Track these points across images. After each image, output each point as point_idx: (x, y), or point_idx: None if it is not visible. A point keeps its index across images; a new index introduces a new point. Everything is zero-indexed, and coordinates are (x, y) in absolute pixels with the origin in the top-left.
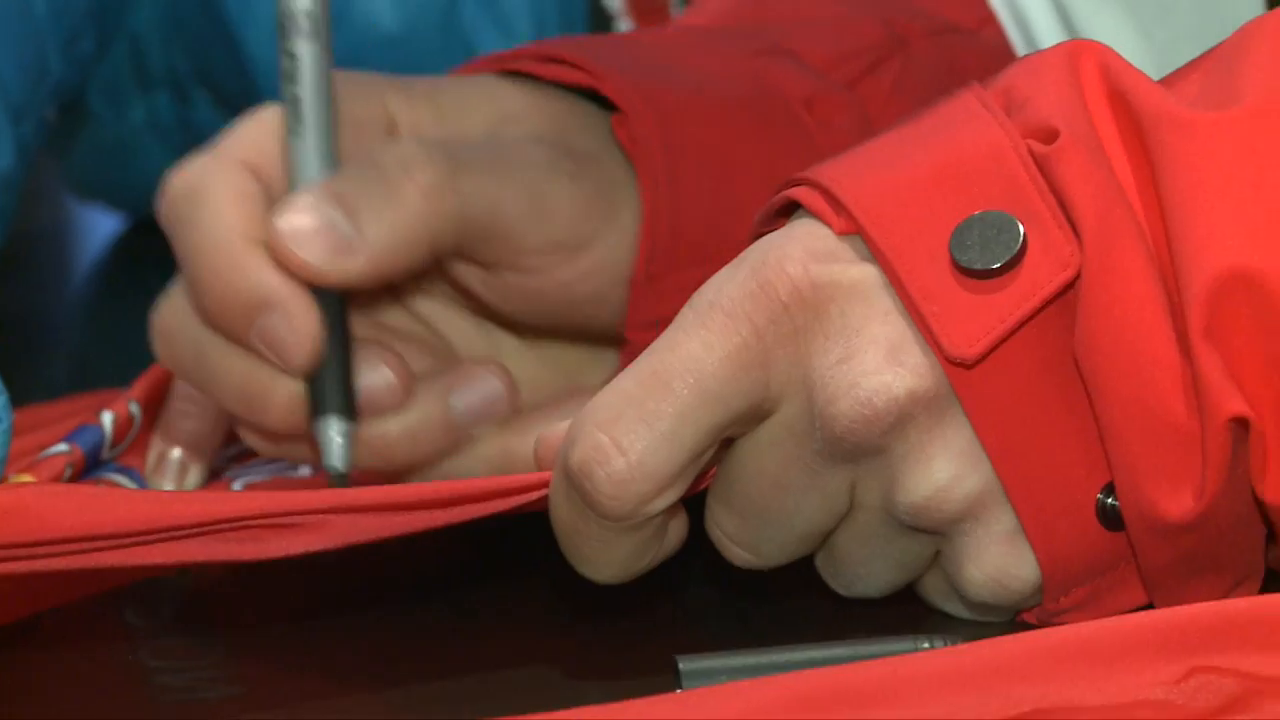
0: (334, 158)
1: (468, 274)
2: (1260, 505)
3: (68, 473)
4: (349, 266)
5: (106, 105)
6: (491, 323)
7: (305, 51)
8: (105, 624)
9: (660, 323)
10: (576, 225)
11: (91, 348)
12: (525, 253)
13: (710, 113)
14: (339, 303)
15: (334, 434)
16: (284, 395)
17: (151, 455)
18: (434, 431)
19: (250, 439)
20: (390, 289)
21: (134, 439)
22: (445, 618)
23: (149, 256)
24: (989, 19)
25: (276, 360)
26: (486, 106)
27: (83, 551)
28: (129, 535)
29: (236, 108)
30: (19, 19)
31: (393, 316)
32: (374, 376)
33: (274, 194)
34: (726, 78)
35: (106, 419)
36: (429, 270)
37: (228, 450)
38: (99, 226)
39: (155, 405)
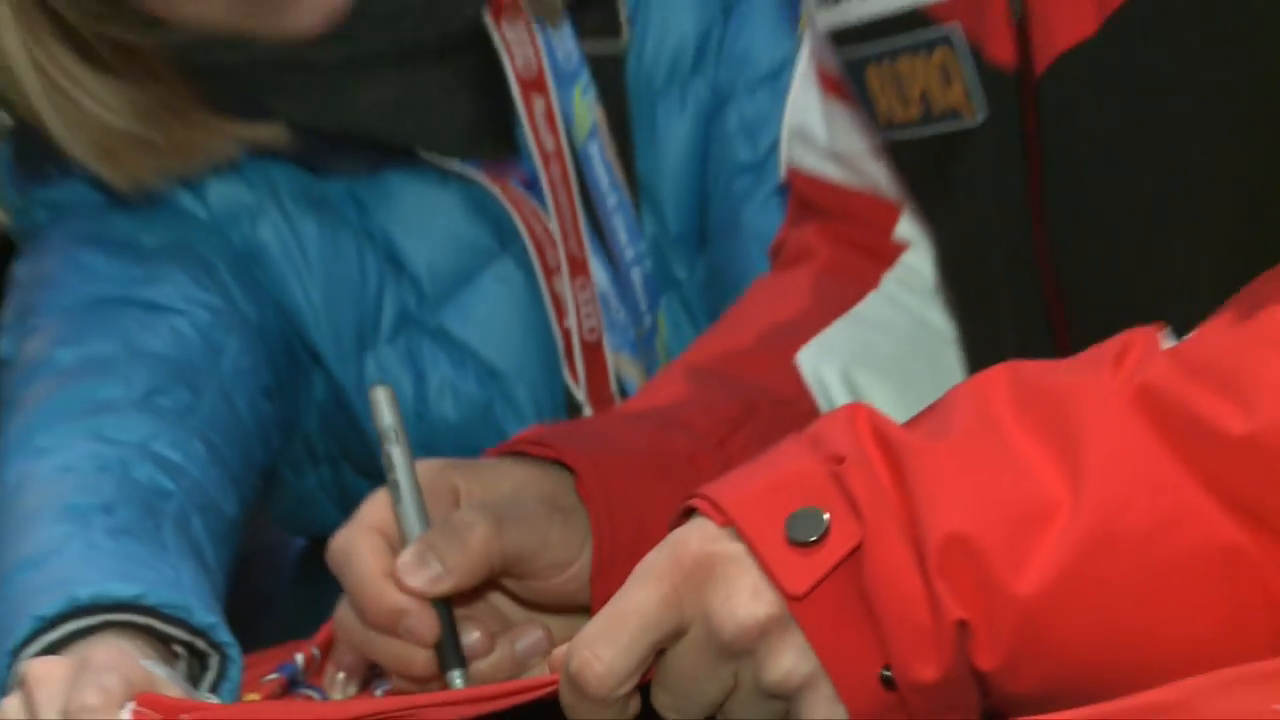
0: (425, 517)
1: (509, 583)
2: (974, 672)
3: (278, 691)
4: (441, 587)
5: (292, 475)
6: (529, 604)
7: (396, 453)
8: None
9: None
10: (565, 552)
11: (289, 618)
12: (538, 570)
13: (633, 471)
14: (446, 602)
15: (456, 678)
16: (422, 660)
17: (327, 677)
18: (508, 666)
19: (400, 685)
20: (471, 593)
21: (317, 669)
22: None
23: (321, 564)
24: (806, 390)
25: (415, 642)
26: (509, 479)
27: None
28: None
29: (369, 473)
30: (235, 428)
31: (475, 606)
32: (472, 638)
33: (393, 544)
34: (643, 446)
35: (299, 658)
36: (488, 583)
37: (372, 670)
38: (293, 545)
39: (328, 647)
